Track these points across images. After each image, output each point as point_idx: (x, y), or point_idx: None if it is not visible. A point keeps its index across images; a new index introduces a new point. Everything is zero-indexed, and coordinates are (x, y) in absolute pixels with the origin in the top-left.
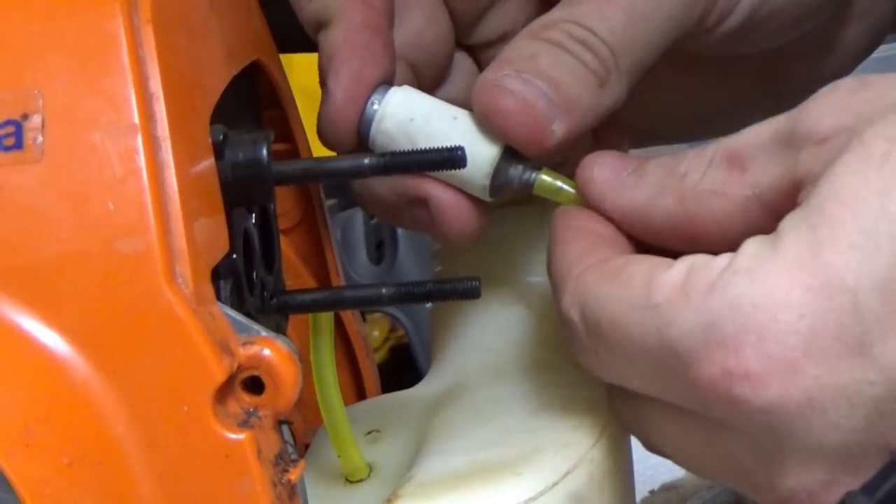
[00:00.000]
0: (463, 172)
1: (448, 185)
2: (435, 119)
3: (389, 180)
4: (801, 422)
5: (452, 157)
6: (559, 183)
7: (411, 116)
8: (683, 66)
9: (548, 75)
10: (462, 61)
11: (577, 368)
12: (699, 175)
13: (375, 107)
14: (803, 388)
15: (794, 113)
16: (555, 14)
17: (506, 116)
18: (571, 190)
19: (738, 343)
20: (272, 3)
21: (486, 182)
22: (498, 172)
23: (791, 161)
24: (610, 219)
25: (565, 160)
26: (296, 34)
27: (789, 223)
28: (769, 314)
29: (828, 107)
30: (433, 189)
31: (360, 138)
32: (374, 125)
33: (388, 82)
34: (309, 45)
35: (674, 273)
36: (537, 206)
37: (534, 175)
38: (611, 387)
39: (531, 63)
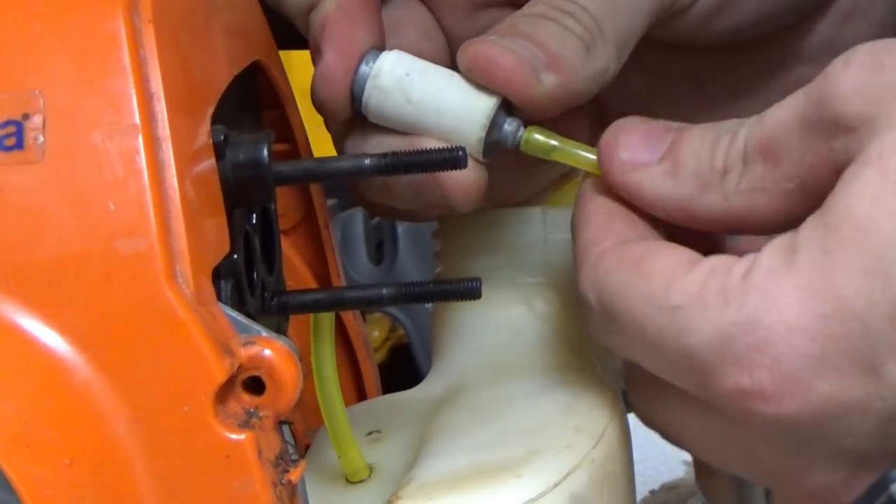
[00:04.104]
0: (459, 126)
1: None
2: (431, 75)
3: (389, 145)
4: (818, 430)
5: (454, 157)
6: (553, 141)
7: (407, 72)
8: (678, 61)
9: (530, 35)
10: None
11: (579, 370)
12: (739, 172)
13: (368, 66)
14: (818, 404)
15: (814, 94)
16: None
17: (490, 63)
18: (567, 149)
19: (752, 363)
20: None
21: (482, 134)
22: (493, 127)
23: (826, 149)
24: (646, 207)
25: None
26: (296, 30)
27: (805, 239)
28: (782, 338)
29: (850, 87)
30: (435, 147)
31: (353, 99)
32: (370, 81)
33: (379, 49)
34: (306, 41)
35: (695, 275)
36: (538, 207)
37: (526, 133)
38: (627, 373)
39: (512, 30)
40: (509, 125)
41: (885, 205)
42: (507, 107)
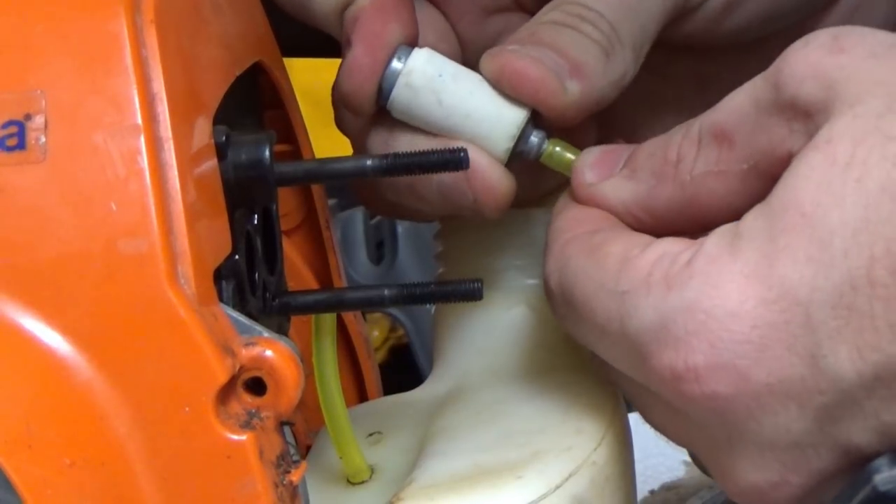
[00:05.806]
0: (489, 133)
1: (481, 149)
2: (462, 79)
3: (420, 146)
4: (752, 422)
5: (455, 159)
6: (574, 156)
7: (440, 72)
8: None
9: (551, 44)
10: None
11: (580, 371)
12: (693, 158)
13: (400, 63)
14: (753, 394)
15: (770, 77)
16: (551, 3)
17: (518, 75)
18: None
19: (689, 347)
20: (275, 6)
21: (510, 145)
22: (520, 138)
23: (783, 131)
24: (616, 215)
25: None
26: (299, 38)
27: (750, 225)
28: (721, 324)
29: (806, 68)
30: (469, 151)
31: (380, 95)
32: (402, 78)
33: (409, 45)
34: (311, 49)
35: (643, 261)
36: (540, 209)
37: (549, 146)
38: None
39: (533, 38)
40: (535, 137)
41: (832, 191)
42: (533, 117)
